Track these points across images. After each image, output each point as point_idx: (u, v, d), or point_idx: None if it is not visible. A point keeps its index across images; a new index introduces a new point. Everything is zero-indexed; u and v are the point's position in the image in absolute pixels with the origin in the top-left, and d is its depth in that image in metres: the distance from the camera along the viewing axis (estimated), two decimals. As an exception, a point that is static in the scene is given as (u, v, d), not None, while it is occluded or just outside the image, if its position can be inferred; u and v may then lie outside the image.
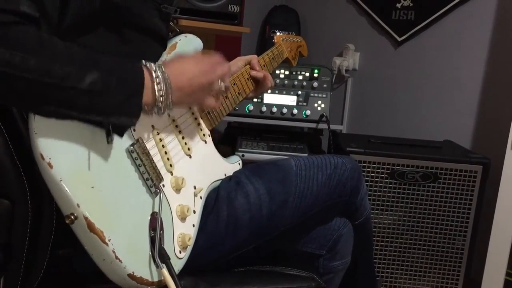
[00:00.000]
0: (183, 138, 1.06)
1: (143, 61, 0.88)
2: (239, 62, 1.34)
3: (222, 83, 1.03)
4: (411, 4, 2.35)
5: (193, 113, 1.13)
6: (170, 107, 0.90)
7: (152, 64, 0.88)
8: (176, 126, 1.05)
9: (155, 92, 0.86)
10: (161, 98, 0.87)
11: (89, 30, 0.89)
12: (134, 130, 0.92)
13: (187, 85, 0.93)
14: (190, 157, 1.07)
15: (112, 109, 0.81)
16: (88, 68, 0.77)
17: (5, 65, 0.70)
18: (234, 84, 1.25)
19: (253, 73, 1.32)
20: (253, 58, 1.34)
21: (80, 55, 0.78)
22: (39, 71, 0.72)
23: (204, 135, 1.15)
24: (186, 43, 1.14)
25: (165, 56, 1.06)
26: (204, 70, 0.97)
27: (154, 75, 0.86)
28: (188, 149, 1.07)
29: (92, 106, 0.78)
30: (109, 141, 0.85)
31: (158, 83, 0.86)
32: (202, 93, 0.99)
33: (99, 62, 0.80)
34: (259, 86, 1.35)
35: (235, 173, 1.20)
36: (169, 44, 1.09)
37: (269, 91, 2.08)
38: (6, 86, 0.72)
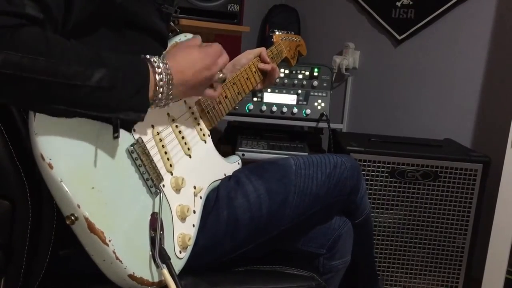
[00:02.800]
0: (183, 138, 1.06)
1: (145, 55, 0.88)
2: (249, 55, 1.36)
3: (221, 74, 1.04)
4: (411, 3, 2.35)
5: (192, 113, 1.13)
6: (170, 99, 0.91)
7: (155, 57, 0.89)
8: (176, 126, 1.06)
9: (155, 83, 0.87)
10: (161, 89, 0.88)
11: (91, 30, 0.89)
12: (134, 130, 0.92)
13: (191, 78, 0.95)
14: (190, 157, 1.07)
15: (120, 105, 0.82)
16: (95, 65, 0.78)
17: (14, 67, 0.70)
18: (233, 84, 1.25)
19: (261, 65, 1.34)
20: (262, 50, 1.37)
21: (86, 53, 0.79)
22: (48, 72, 0.73)
23: (204, 135, 1.15)
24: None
25: None
26: (208, 64, 0.99)
27: (156, 67, 0.87)
28: (188, 149, 1.07)
29: (101, 102, 0.79)
30: (115, 137, 0.85)
31: (159, 73, 0.87)
32: (204, 86, 1.01)
33: (105, 59, 0.80)
34: (266, 78, 1.38)
35: (235, 172, 1.20)
36: (170, 44, 1.09)
37: (269, 90, 2.08)
38: (16, 88, 0.72)
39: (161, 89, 0.88)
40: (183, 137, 1.07)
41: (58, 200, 0.78)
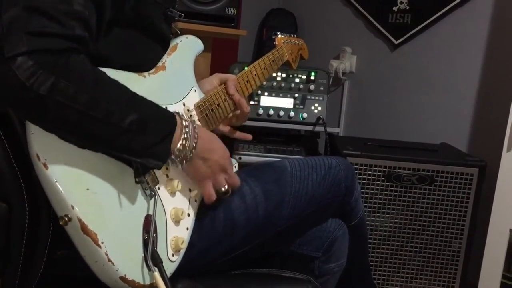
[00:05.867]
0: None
1: (177, 111, 0.94)
2: (214, 79, 1.23)
3: (226, 187, 1.04)
4: (408, 8, 2.36)
5: (190, 116, 1.13)
6: (184, 160, 0.94)
7: (184, 115, 0.96)
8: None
9: (179, 138, 0.91)
10: (182, 147, 0.91)
11: (105, 34, 0.91)
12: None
13: (211, 157, 0.98)
14: (186, 160, 1.07)
15: (143, 150, 0.85)
16: (130, 108, 0.82)
17: (60, 94, 0.74)
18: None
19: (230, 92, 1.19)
20: (230, 79, 1.20)
21: (125, 95, 0.83)
22: (89, 106, 0.76)
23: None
24: (187, 44, 1.14)
25: (166, 57, 1.07)
26: (228, 162, 1.03)
27: (184, 124, 0.92)
28: (184, 151, 1.07)
29: (127, 145, 0.83)
30: (137, 182, 0.88)
31: (185, 132, 0.91)
32: (215, 174, 1.01)
33: (139, 104, 0.85)
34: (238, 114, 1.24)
35: (231, 175, 1.20)
36: (170, 45, 1.10)
37: (266, 93, 2.07)
38: (57, 114, 0.75)
39: (184, 141, 0.91)
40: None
41: (52, 200, 0.78)
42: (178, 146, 0.91)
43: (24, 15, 0.74)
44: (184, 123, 0.92)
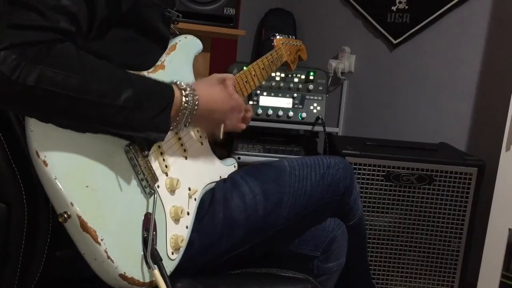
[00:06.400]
0: (179, 139, 1.06)
1: (174, 80, 0.94)
2: (212, 79, 1.18)
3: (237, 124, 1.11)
4: (407, 7, 2.36)
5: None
6: (189, 122, 0.95)
7: (183, 82, 0.94)
8: (172, 127, 1.05)
9: (180, 104, 0.92)
10: (185, 110, 0.92)
11: (102, 34, 0.91)
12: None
13: (213, 108, 1.01)
14: (186, 158, 1.07)
15: (142, 125, 0.85)
16: (123, 86, 0.81)
17: (49, 83, 0.73)
18: None
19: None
20: (228, 78, 1.14)
21: (116, 73, 0.83)
22: (80, 89, 0.76)
23: (200, 136, 1.15)
24: (186, 44, 1.14)
25: (165, 57, 1.07)
26: (228, 107, 1.06)
27: (182, 90, 0.93)
28: (184, 150, 1.07)
29: (125, 121, 0.83)
30: (145, 155, 0.91)
31: (186, 96, 0.92)
32: (219, 121, 1.06)
33: (132, 80, 0.84)
34: None
35: (231, 174, 1.21)
36: (169, 45, 1.10)
37: (265, 93, 2.07)
38: (48, 103, 0.75)
39: (184, 111, 0.92)
40: (179, 138, 1.07)
41: (52, 197, 0.78)
42: (179, 115, 0.92)
43: (8, 9, 0.73)
44: (183, 93, 0.93)
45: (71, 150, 0.80)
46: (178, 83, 0.93)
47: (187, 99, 0.92)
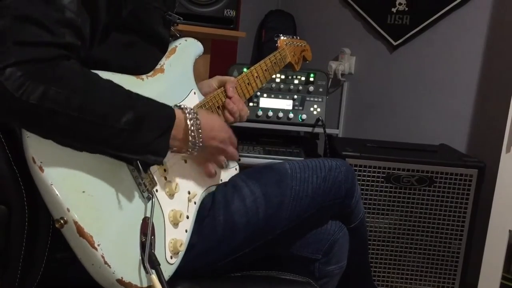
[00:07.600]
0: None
1: (177, 104, 0.95)
2: (213, 83, 1.24)
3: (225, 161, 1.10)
4: (407, 9, 2.35)
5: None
6: (198, 144, 0.96)
7: (186, 106, 0.96)
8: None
9: (187, 127, 0.93)
10: (192, 133, 0.93)
11: (103, 40, 0.91)
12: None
13: (216, 135, 1.02)
14: (186, 161, 1.07)
15: (141, 148, 0.85)
16: (125, 107, 0.82)
17: (51, 102, 0.73)
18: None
19: (226, 104, 1.19)
20: (229, 81, 1.21)
21: (118, 95, 0.83)
22: (82, 110, 0.76)
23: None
24: (186, 47, 1.14)
25: (164, 60, 1.06)
26: (229, 136, 1.06)
27: (187, 113, 0.94)
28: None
29: (124, 144, 0.83)
30: (135, 177, 0.90)
31: (190, 119, 0.93)
32: (216, 151, 1.06)
33: (135, 102, 0.85)
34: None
35: (232, 177, 1.20)
36: (169, 48, 1.10)
37: (265, 95, 2.07)
38: (50, 121, 0.75)
39: (192, 133, 0.94)
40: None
41: (48, 203, 0.78)
42: (190, 138, 0.93)
43: (13, 25, 0.73)
44: (188, 116, 0.94)
45: (68, 156, 0.80)
46: (182, 107, 0.95)
47: (191, 122, 0.94)
